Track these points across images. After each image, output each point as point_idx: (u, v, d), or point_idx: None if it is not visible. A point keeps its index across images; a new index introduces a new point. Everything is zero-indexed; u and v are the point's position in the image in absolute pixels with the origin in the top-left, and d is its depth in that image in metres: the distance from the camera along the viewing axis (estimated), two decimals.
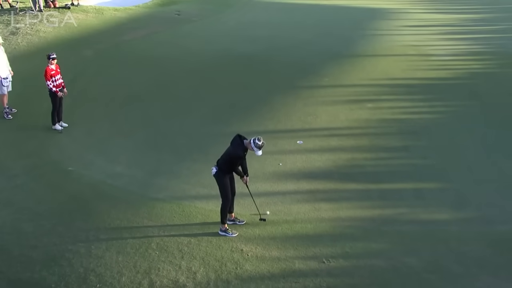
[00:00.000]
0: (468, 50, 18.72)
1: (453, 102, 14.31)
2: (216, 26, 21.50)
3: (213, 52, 18.02)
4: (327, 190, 10.35)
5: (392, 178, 10.78)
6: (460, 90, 15.05)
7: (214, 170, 8.70)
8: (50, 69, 12.31)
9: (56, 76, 12.46)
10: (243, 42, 19.09)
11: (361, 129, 12.87)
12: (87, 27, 20.24)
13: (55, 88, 12.45)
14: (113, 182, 10.55)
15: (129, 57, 17.51)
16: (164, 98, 14.58)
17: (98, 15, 21.71)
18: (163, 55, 17.74)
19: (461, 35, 20.67)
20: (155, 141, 12.37)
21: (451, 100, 14.42)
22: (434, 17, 23.41)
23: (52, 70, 12.34)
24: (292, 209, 9.68)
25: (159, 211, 9.52)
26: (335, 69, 16.58)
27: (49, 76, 12.32)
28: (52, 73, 12.35)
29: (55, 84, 12.44)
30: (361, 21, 22.43)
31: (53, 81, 12.40)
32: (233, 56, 17.64)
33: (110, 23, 21.07)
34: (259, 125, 12.97)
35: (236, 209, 9.33)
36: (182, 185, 10.43)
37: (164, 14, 23.03)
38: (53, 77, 12.38)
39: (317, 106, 14.03)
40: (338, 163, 11.33)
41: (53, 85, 12.44)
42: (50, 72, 12.30)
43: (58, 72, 12.57)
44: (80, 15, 21.22)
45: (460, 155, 11.65)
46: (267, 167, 11.12)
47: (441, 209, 9.75)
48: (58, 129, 12.62)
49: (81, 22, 20.56)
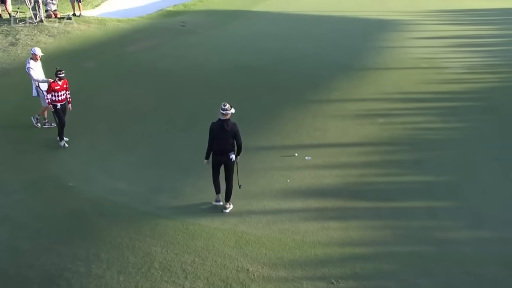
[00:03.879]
0: (483, 62, 18.74)
1: (468, 117, 14.30)
2: (222, 38, 21.65)
3: (219, 64, 18.14)
4: (336, 208, 10.33)
5: (404, 196, 10.75)
6: (475, 104, 15.04)
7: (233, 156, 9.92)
8: (54, 84, 12.48)
9: (60, 92, 12.56)
10: (250, 54, 19.22)
11: (372, 145, 12.88)
12: (89, 38, 20.46)
13: (48, 100, 12.52)
14: (114, 198, 10.57)
15: (132, 69, 17.65)
16: (169, 112, 14.67)
17: (100, 26, 21.97)
18: (167, 67, 17.88)
19: (476, 47, 20.70)
20: (159, 156, 12.41)
21: (465, 115, 14.42)
22: (447, 28, 23.45)
23: (57, 85, 12.48)
24: (300, 228, 9.66)
25: (162, 229, 9.52)
26: (345, 83, 16.64)
27: (51, 90, 12.48)
28: (56, 88, 12.48)
29: (56, 99, 12.52)
30: (372, 32, 22.53)
31: (54, 95, 12.49)
32: (239, 68, 17.73)
33: (113, 34, 21.29)
34: (266, 140, 13.01)
35: None
36: (186, 202, 10.45)
37: (168, 26, 23.24)
38: (56, 92, 12.50)
39: (326, 121, 14.07)
40: (348, 180, 11.32)
41: (53, 100, 12.49)
42: (53, 87, 12.46)
43: (64, 88, 12.65)
44: (82, 26, 21.48)
45: (475, 172, 11.61)
46: (274, 184, 11.12)
47: (455, 229, 9.70)
48: (63, 145, 12.64)
49: (83, 33, 20.80)
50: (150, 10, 25.91)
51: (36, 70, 13.37)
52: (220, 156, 9.94)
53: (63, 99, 12.65)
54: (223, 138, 9.80)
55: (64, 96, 12.69)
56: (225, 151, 9.86)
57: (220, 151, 9.89)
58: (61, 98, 12.60)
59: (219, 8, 27.16)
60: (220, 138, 9.82)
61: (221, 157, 9.93)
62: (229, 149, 9.86)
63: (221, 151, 9.89)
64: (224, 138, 9.80)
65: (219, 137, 9.82)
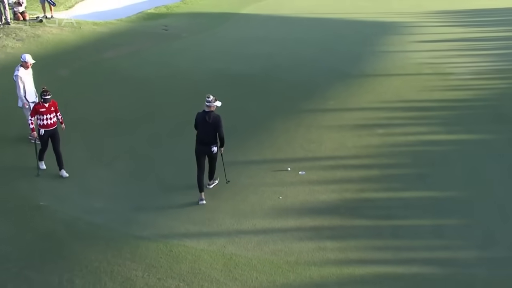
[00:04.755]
0: (492, 67, 18.91)
1: (476, 127, 14.41)
2: (209, 43, 21.78)
3: (205, 72, 18.22)
4: (333, 227, 10.37)
5: (407, 213, 10.81)
6: (483, 113, 15.18)
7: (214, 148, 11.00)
8: (39, 106, 11.84)
9: (47, 115, 11.86)
10: (240, 61, 19.33)
11: (371, 158, 12.96)
12: (62, 43, 20.49)
13: (32, 125, 12.00)
14: (91, 218, 10.55)
15: (110, 77, 17.70)
16: (151, 123, 14.70)
17: (74, 29, 21.99)
18: (149, 75, 17.94)
19: (483, 50, 20.91)
20: (140, 172, 12.42)
21: (473, 125, 14.53)
22: (452, 30, 23.68)
23: (42, 107, 11.82)
24: (293, 248, 9.68)
25: (143, 251, 9.51)
26: (342, 91, 16.77)
27: (34, 113, 11.87)
28: (42, 111, 11.81)
29: (41, 123, 11.85)
30: (370, 36, 22.74)
31: (40, 119, 11.84)
32: (228, 76, 17.83)
33: (89, 38, 21.35)
34: (257, 153, 13.07)
35: None
36: (170, 222, 10.45)
37: (150, 29, 23.35)
38: (41, 115, 11.83)
39: (321, 132, 14.16)
40: (345, 197, 11.38)
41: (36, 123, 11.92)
42: (38, 109, 11.82)
43: (52, 110, 11.95)
44: (54, 30, 21.49)
45: (485, 187, 11.66)
46: (265, 201, 11.16)
47: (464, 249, 9.72)
48: (41, 167, 12.17)
49: (55, 37, 20.81)
50: (129, 13, 26.02)
51: (25, 79, 13.21)
52: (203, 146, 11.05)
53: (51, 124, 11.93)
54: (205, 129, 10.95)
55: (53, 120, 11.98)
56: (207, 143, 10.99)
57: (203, 142, 11.02)
58: (49, 122, 11.89)
59: (205, 11, 27.35)
60: (203, 129, 10.99)
61: (204, 148, 11.05)
62: (211, 141, 10.97)
63: (203, 142, 11.01)
64: (206, 129, 10.95)
65: (202, 128, 11.00)
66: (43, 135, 11.95)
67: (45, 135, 11.96)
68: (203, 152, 11.08)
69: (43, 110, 11.85)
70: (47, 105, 11.88)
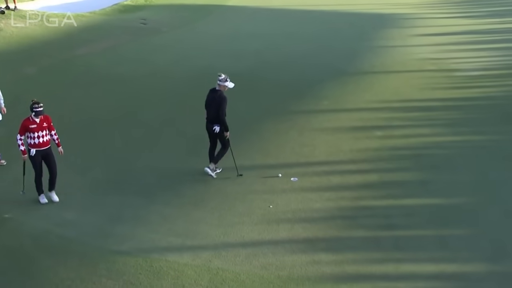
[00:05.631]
0: (501, 62, 19.08)
1: (483, 128, 14.53)
2: (192, 38, 21.82)
3: (188, 70, 18.26)
4: (328, 238, 10.39)
5: (409, 222, 10.84)
6: (491, 113, 15.31)
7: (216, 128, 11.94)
8: (28, 122, 10.89)
9: (38, 133, 10.94)
10: (226, 58, 19.37)
11: (369, 162, 13.03)
12: (28, 37, 20.40)
13: (23, 146, 11.00)
14: (62, 231, 10.50)
15: (83, 76, 17.68)
16: (128, 127, 14.70)
17: (42, 22, 21.90)
18: (126, 73, 17.94)
19: (492, 44, 21.08)
20: (117, 180, 12.39)
21: (480, 126, 14.65)
22: (457, 22, 23.85)
23: (32, 123, 10.88)
24: (285, 262, 9.69)
25: (121, 267, 9.49)
26: (337, 90, 16.85)
27: (23, 130, 10.90)
28: (32, 128, 10.87)
29: (32, 142, 10.95)
30: (368, 30, 22.91)
31: (31, 137, 10.92)
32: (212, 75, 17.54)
33: (59, 33, 21.30)
34: (245, 158, 13.08)
35: None
36: (150, 235, 10.42)
37: (126, 23, 23.35)
38: (32, 132, 10.89)
39: (315, 135, 14.22)
40: (341, 205, 11.42)
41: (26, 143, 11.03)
42: (27, 126, 10.86)
43: (44, 127, 11.03)
44: (19, 23, 21.35)
45: (494, 193, 11.71)
46: (254, 210, 11.18)
47: (472, 262, 9.72)
48: (42, 201, 11.32)
49: (20, 31, 20.71)
50: (103, 4, 26.00)
51: None
52: (208, 124, 12.16)
53: (43, 142, 11.03)
54: (210, 107, 12.09)
55: (46, 139, 11.08)
56: (210, 121, 12.07)
57: (208, 119, 12.17)
58: (41, 141, 10.98)
59: (187, 2, 27.41)
60: (208, 106, 12.14)
61: (209, 125, 12.13)
62: (214, 120, 11.97)
63: (208, 119, 12.17)
64: (210, 107, 12.07)
65: (208, 105, 12.14)
66: (35, 156, 11.01)
67: (37, 156, 11.03)
68: (208, 130, 12.18)
69: (34, 127, 10.90)
70: (38, 120, 10.95)
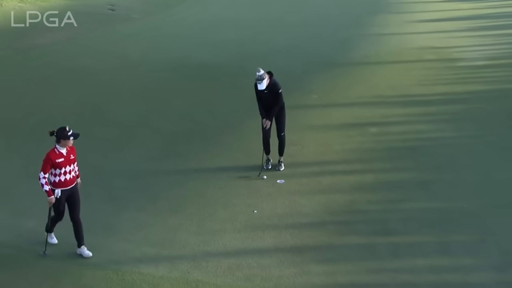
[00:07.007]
0: (508, 51, 19.24)
1: (489, 124, 14.71)
2: (165, 27, 21.82)
3: (161, 62, 18.27)
4: (318, 246, 10.43)
5: (407, 227, 10.91)
6: (498, 107, 15.49)
7: None
8: (55, 155, 9.55)
9: (66, 167, 9.64)
10: (203, 48, 19.41)
11: (363, 162, 13.14)
12: None
13: (47, 186, 9.56)
14: (21, 243, 10.45)
15: (43, 69, 17.61)
16: (96, 125, 14.67)
17: None
18: (91, 66, 17.90)
19: (498, 30, 21.18)
20: (84, 184, 12.29)
21: (485, 121, 14.82)
22: (460, 6, 23.94)
23: (59, 156, 9.55)
24: (272, 273, 9.71)
25: (89, 281, 9.47)
26: (327, 83, 16.95)
27: (49, 166, 9.53)
28: (59, 162, 9.54)
29: (57, 179, 9.65)
30: (361, 16, 23.05)
31: (55, 174, 9.63)
32: (190, 67, 17.90)
33: (13, 20, 21.05)
34: (225, 159, 13.15)
35: None
36: (121, 244, 10.39)
37: (92, 9, 23.26)
38: (59, 168, 9.58)
39: (303, 132, 14.32)
40: (333, 209, 11.48)
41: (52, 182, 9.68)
42: (54, 160, 9.51)
43: (72, 160, 9.75)
44: None
45: (500, 196, 11.81)
46: (237, 216, 11.21)
47: (477, 271, 9.78)
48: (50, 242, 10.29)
49: None
50: None
51: None
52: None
53: (70, 179, 9.77)
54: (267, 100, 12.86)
55: (72, 175, 9.83)
56: None
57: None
58: (67, 178, 9.70)
59: None
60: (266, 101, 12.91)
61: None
62: None
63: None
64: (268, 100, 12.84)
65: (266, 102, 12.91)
66: (60, 198, 9.77)
67: (63, 197, 9.81)
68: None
69: (61, 161, 9.58)
70: (65, 153, 9.66)
